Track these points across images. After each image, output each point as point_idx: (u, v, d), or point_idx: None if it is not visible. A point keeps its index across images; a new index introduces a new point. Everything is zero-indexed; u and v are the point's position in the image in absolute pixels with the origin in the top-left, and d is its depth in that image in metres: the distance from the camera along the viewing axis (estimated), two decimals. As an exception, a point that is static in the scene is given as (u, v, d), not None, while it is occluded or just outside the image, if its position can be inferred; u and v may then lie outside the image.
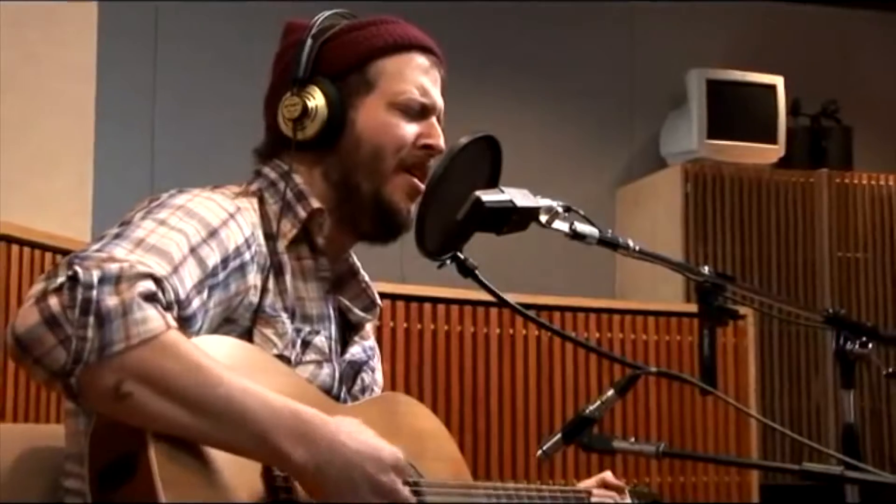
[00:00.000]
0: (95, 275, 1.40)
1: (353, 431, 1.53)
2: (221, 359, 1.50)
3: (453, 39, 1.93)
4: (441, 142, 1.83)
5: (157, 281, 1.45)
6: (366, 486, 1.51)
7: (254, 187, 1.80)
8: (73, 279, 1.39)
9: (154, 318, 1.42)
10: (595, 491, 2.07)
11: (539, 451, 1.84)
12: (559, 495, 1.98)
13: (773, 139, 5.45)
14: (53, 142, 3.49)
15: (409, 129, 1.82)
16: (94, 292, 1.39)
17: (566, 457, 3.51)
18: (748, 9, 5.94)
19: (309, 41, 1.80)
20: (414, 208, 1.81)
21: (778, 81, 5.49)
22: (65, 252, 2.72)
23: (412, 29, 1.87)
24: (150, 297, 1.43)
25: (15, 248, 2.74)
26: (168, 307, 1.46)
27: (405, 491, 1.56)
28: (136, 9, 5.03)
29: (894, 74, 6.14)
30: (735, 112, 5.45)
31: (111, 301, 1.39)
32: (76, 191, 3.53)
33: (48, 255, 2.81)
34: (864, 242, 5.41)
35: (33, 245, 2.79)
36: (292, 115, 1.78)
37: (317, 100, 1.78)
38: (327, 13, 1.86)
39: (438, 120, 1.86)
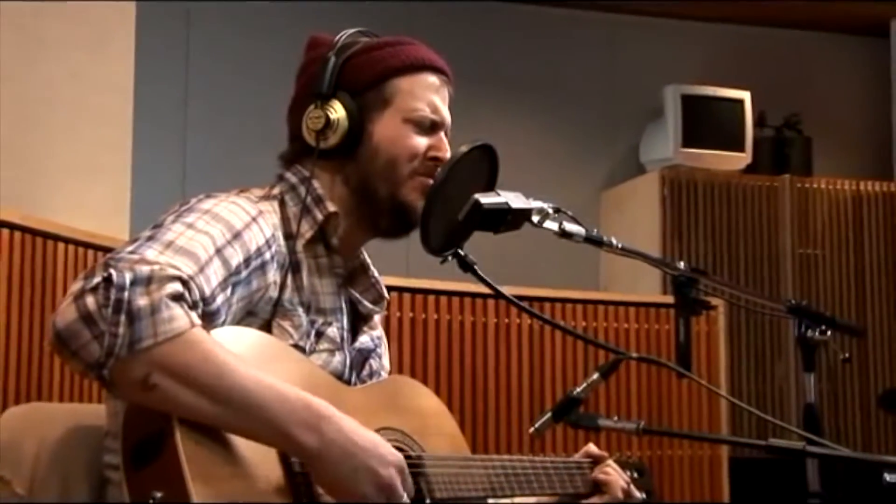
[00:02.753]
0: (128, 276, 1.40)
1: (360, 428, 1.52)
2: (242, 349, 1.50)
3: (453, 58, 1.92)
4: (448, 154, 1.82)
5: (185, 282, 1.45)
6: (366, 476, 1.50)
7: (276, 191, 1.78)
8: (108, 280, 1.39)
9: (180, 317, 1.41)
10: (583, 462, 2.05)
11: (531, 429, 1.84)
12: (549, 465, 1.96)
13: (741, 148, 5.45)
14: (95, 150, 3.49)
15: (421, 142, 1.81)
16: (127, 293, 1.39)
17: (555, 434, 3.51)
18: (719, 30, 5.94)
19: (332, 58, 1.79)
20: None
21: (745, 96, 5.49)
22: (105, 249, 2.71)
23: (426, 50, 1.86)
24: (177, 298, 1.42)
25: (60, 245, 2.74)
26: (193, 306, 1.46)
27: (401, 489, 1.55)
28: (170, 26, 5.03)
29: (850, 90, 6.14)
30: (707, 123, 5.44)
31: (141, 301, 1.39)
32: (115, 194, 3.53)
33: (90, 252, 2.80)
34: (823, 240, 5.41)
35: (77, 243, 2.78)
36: (316, 127, 1.77)
37: (338, 113, 1.76)
38: (350, 31, 1.84)
39: (446, 133, 1.85)
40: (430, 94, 1.83)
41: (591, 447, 2.07)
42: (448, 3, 5.51)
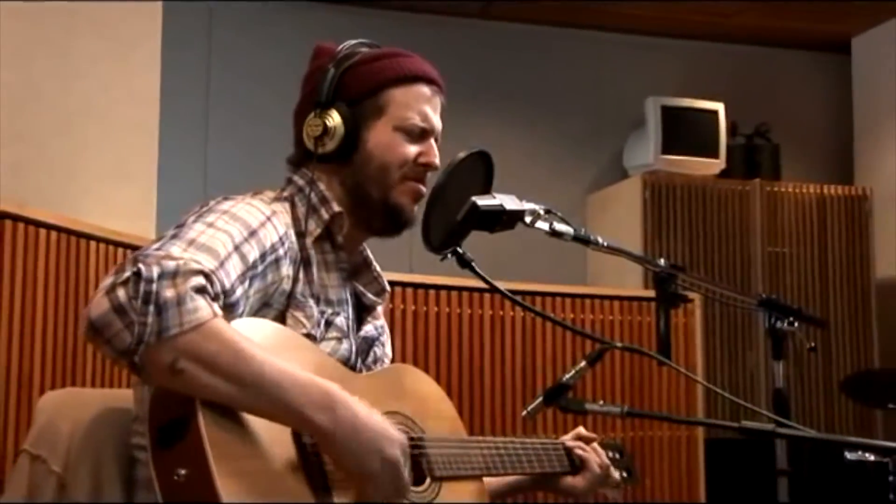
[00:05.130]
0: (155, 271, 1.39)
1: (370, 411, 1.52)
2: (258, 339, 1.49)
3: (452, 72, 1.92)
4: (436, 160, 1.81)
5: (207, 276, 1.44)
6: (374, 454, 1.50)
7: (286, 193, 1.78)
8: (137, 274, 1.39)
9: (203, 308, 1.41)
10: (569, 443, 2.07)
11: (524, 412, 1.84)
12: (539, 446, 1.97)
13: (715, 155, 5.44)
14: (124, 156, 3.48)
15: (411, 149, 1.80)
16: (155, 285, 1.38)
17: (546, 417, 3.50)
18: (696, 47, 5.94)
19: (332, 70, 1.78)
20: (416, 207, 1.81)
21: (719, 107, 5.48)
22: (133, 247, 2.71)
23: (420, 62, 1.85)
24: (200, 290, 1.42)
25: (92, 244, 2.74)
26: (215, 298, 1.45)
27: (405, 469, 1.55)
28: (194, 41, 5.03)
29: (815, 102, 6.14)
30: (684, 132, 5.44)
31: (168, 293, 1.39)
32: (142, 196, 3.52)
33: (119, 251, 2.80)
34: (790, 239, 5.41)
35: (107, 241, 2.78)
36: (315, 134, 1.76)
37: (335, 121, 1.76)
38: (352, 42, 1.84)
39: (436, 140, 1.84)
40: (421, 103, 1.82)
41: (581, 430, 2.09)
42: (448, 22, 5.51)
